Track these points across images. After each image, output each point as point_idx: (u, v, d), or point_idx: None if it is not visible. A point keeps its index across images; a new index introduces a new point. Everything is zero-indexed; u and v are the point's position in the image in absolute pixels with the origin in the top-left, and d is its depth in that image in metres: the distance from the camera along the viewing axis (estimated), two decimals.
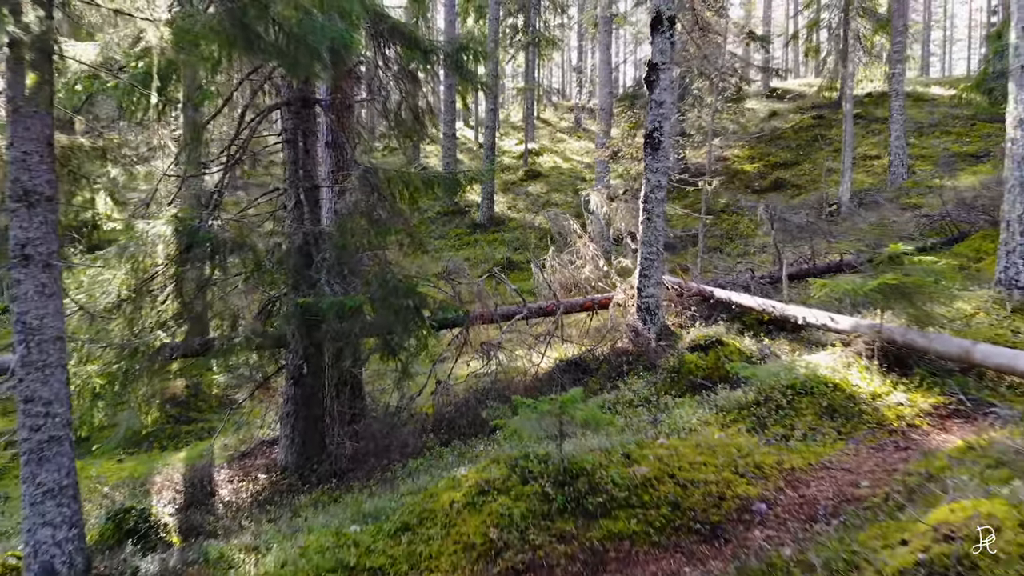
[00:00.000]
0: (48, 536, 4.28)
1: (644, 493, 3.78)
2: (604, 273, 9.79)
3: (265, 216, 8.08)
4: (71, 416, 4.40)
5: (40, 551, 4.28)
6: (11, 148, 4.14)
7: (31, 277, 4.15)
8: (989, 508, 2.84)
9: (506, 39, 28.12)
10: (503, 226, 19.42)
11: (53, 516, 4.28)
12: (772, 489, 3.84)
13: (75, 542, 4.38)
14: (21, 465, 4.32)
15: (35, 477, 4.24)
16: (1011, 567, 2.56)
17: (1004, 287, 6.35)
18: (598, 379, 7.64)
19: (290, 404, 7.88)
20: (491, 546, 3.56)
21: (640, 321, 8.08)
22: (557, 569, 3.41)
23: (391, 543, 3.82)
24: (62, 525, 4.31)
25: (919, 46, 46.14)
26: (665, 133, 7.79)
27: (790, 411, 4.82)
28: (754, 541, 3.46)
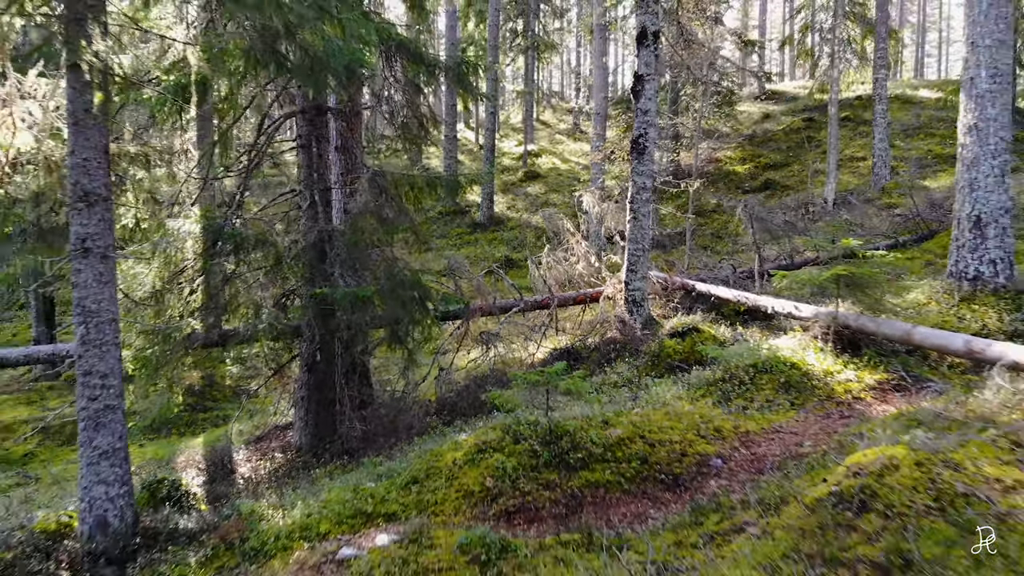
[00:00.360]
0: (102, 493, 4.93)
1: (618, 450, 4.43)
2: (596, 269, 10.44)
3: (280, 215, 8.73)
4: (123, 388, 5.05)
5: (95, 506, 4.93)
6: (72, 155, 4.79)
7: (90, 267, 4.80)
8: (893, 452, 3.48)
9: (506, 43, 28.79)
10: (502, 226, 20.06)
11: (107, 475, 4.93)
12: (728, 448, 4.49)
13: (125, 498, 5.03)
14: (79, 431, 4.97)
15: (91, 441, 4.89)
16: (903, 494, 3.19)
17: (955, 279, 7.00)
18: (588, 366, 8.28)
19: (304, 389, 8.52)
20: (487, 493, 4.21)
21: (627, 312, 8.72)
22: (543, 511, 4.06)
23: (402, 493, 4.47)
24: (114, 483, 4.96)
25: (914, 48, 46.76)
26: (650, 139, 8.43)
27: (751, 386, 5.47)
28: (709, 488, 4.10)
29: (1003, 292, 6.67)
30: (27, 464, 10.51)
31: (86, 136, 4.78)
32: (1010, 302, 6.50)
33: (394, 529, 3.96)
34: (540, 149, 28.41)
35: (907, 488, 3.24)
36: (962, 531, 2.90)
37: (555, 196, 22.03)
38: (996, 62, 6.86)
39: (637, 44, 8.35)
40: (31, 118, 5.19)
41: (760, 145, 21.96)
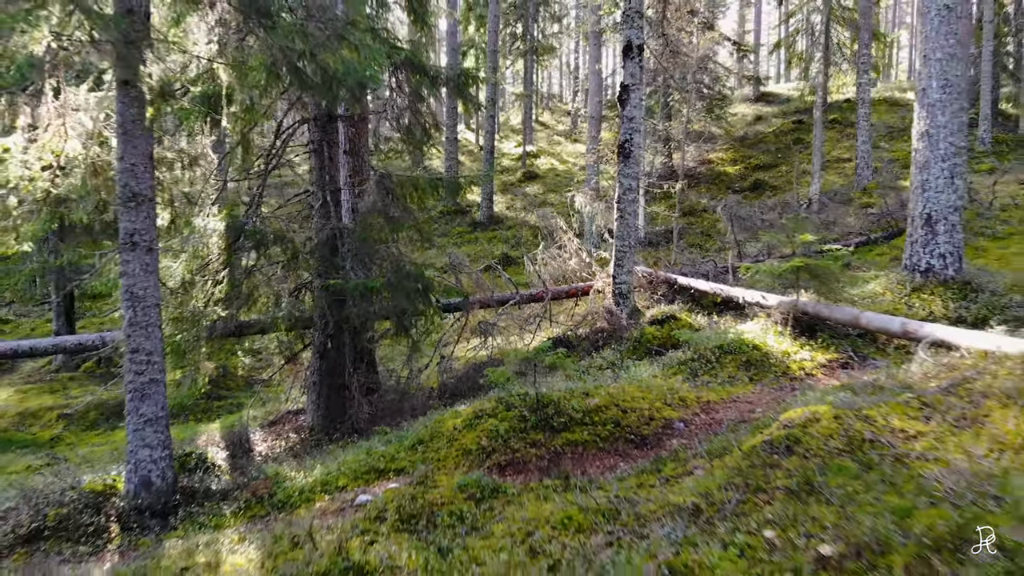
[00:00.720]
0: (147, 456, 5.65)
1: (595, 415, 5.14)
2: (587, 264, 11.15)
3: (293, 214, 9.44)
4: (164, 365, 5.77)
5: (140, 467, 5.65)
6: (121, 161, 5.51)
7: (137, 258, 5.51)
8: (817, 409, 4.18)
9: (505, 47, 29.50)
10: (501, 225, 20.76)
11: (151, 440, 5.64)
12: (690, 414, 5.20)
13: (166, 461, 5.75)
14: (127, 402, 5.68)
15: (138, 410, 5.61)
16: (820, 440, 3.89)
17: (909, 271, 7.71)
18: (579, 352, 8.98)
19: (316, 375, 9.22)
20: (483, 451, 4.92)
21: (615, 304, 9.43)
22: (529, 464, 4.77)
23: (410, 453, 5.18)
24: (157, 447, 5.67)
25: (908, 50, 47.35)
26: (635, 144, 9.14)
27: (716, 365, 6.18)
28: (671, 446, 4.81)
29: (951, 283, 7.37)
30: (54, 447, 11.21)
31: (134, 144, 5.49)
32: (956, 292, 7.21)
33: (403, 479, 4.68)
34: (539, 150, 29.11)
35: (824, 436, 3.95)
36: (863, 467, 3.61)
37: (553, 196, 22.73)
38: (946, 74, 7.56)
39: (623, 56, 9.06)
40: (81, 127, 5.90)
41: (751, 147, 22.65)
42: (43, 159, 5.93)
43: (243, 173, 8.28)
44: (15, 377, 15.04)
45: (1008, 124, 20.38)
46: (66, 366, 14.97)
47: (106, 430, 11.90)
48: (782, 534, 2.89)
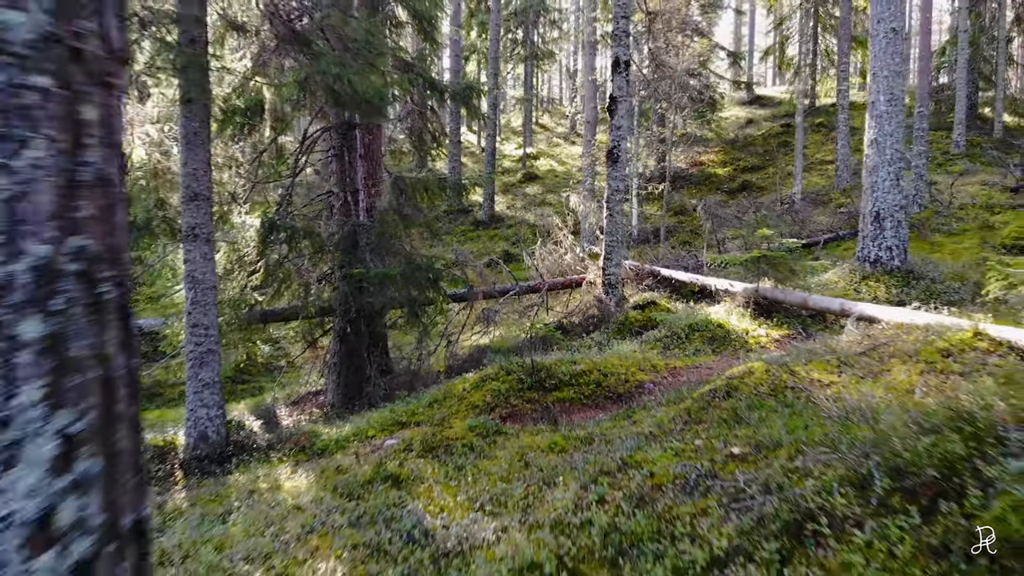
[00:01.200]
0: (204, 414, 6.72)
1: (580, 379, 6.21)
2: (580, 259, 12.22)
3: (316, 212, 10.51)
4: (219, 337, 6.84)
5: (198, 424, 6.73)
6: (185, 166, 6.58)
7: (198, 248, 6.59)
8: (754, 365, 5.25)
9: (506, 52, 30.57)
10: (502, 223, 21.83)
11: (208, 400, 6.72)
12: (659, 377, 6.27)
13: (220, 419, 6.83)
14: (187, 369, 6.76)
15: (197, 375, 6.69)
16: (752, 387, 4.95)
17: (860, 262, 8.78)
18: (572, 335, 10.06)
19: (335, 357, 10.28)
20: (487, 405, 6.00)
21: (605, 293, 10.49)
22: (525, 415, 5.85)
23: (427, 409, 6.26)
24: (213, 407, 6.75)
25: None
26: (622, 150, 10.21)
27: (686, 340, 7.25)
28: (642, 400, 5.88)
29: (896, 272, 8.44)
30: None
31: (195, 152, 6.57)
32: (900, 279, 8.27)
33: (424, 426, 5.75)
34: (538, 152, 30.17)
35: (755, 384, 5.03)
36: (781, 404, 4.68)
37: (551, 196, 23.79)
38: (892, 89, 8.64)
39: (612, 70, 10.13)
40: (147, 137, 6.97)
41: (741, 149, 23.72)
42: None
43: (275, 175, 9.36)
44: None
45: (985, 127, 21.42)
46: None
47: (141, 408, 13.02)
48: (708, 443, 3.96)
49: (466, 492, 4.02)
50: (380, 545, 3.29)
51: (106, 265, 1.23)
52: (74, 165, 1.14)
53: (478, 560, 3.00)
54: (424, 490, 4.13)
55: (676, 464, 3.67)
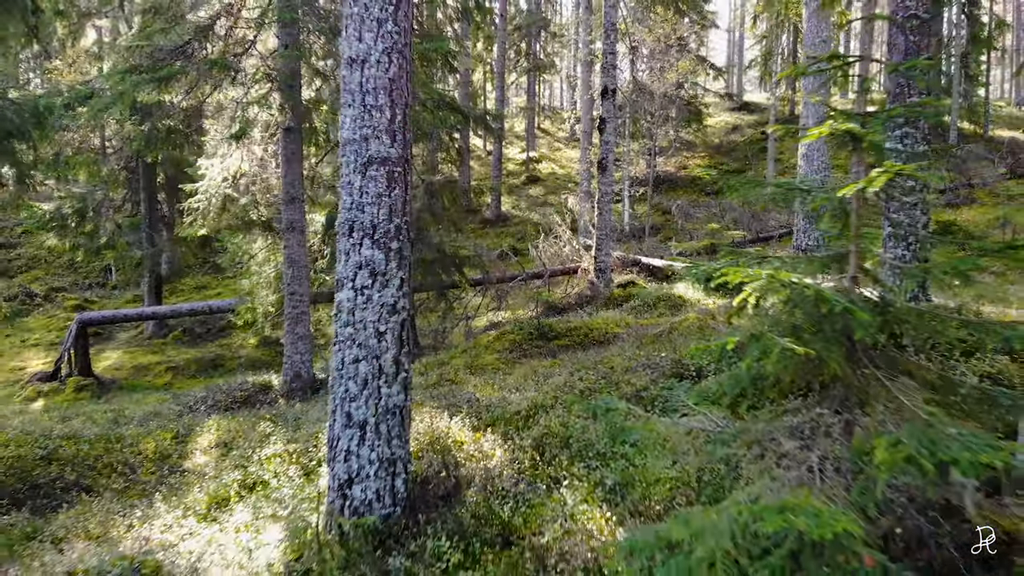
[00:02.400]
0: (298, 359, 9.14)
1: (573, 332, 8.64)
2: (577, 251, 14.62)
3: None
4: (309, 302, 9.25)
5: (293, 366, 9.15)
6: (284, 177, 8.98)
7: (295, 237, 9.00)
8: (688, 316, 7.63)
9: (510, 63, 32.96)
10: (508, 222, 24.23)
11: (300, 348, 9.14)
12: (630, 331, 8.69)
13: (309, 364, 9.24)
14: (285, 326, 9.17)
15: (293, 330, 9.10)
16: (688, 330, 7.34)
17: (794, 250, 11.20)
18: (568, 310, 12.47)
19: None
20: (506, 349, 8.42)
21: (596, 278, 12.90)
22: (533, 356, 8.27)
23: (461, 355, 8.68)
24: (304, 352, 9.17)
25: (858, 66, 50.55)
26: (610, 160, 12.61)
27: (653, 307, 9.67)
28: (616, 345, 8.30)
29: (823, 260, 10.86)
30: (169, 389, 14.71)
31: (292, 167, 8.98)
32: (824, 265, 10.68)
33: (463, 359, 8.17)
34: (540, 156, 32.57)
35: (688, 326, 7.44)
36: (704, 338, 7.10)
37: (552, 197, 26.19)
38: (818, 112, 11.03)
39: (601, 96, 12.54)
40: (253, 155, 9.38)
41: (725, 154, 26.11)
42: (224, 174, 9.39)
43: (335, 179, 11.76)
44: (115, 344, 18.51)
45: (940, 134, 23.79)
46: (156, 335, 18.39)
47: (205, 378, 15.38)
48: (648, 352, 6.37)
49: (497, 387, 6.43)
50: (452, 403, 5.70)
51: (398, 230, 3.64)
52: (397, 196, 3.57)
53: (510, 404, 5.41)
54: (470, 387, 6.54)
55: (626, 362, 6.09)
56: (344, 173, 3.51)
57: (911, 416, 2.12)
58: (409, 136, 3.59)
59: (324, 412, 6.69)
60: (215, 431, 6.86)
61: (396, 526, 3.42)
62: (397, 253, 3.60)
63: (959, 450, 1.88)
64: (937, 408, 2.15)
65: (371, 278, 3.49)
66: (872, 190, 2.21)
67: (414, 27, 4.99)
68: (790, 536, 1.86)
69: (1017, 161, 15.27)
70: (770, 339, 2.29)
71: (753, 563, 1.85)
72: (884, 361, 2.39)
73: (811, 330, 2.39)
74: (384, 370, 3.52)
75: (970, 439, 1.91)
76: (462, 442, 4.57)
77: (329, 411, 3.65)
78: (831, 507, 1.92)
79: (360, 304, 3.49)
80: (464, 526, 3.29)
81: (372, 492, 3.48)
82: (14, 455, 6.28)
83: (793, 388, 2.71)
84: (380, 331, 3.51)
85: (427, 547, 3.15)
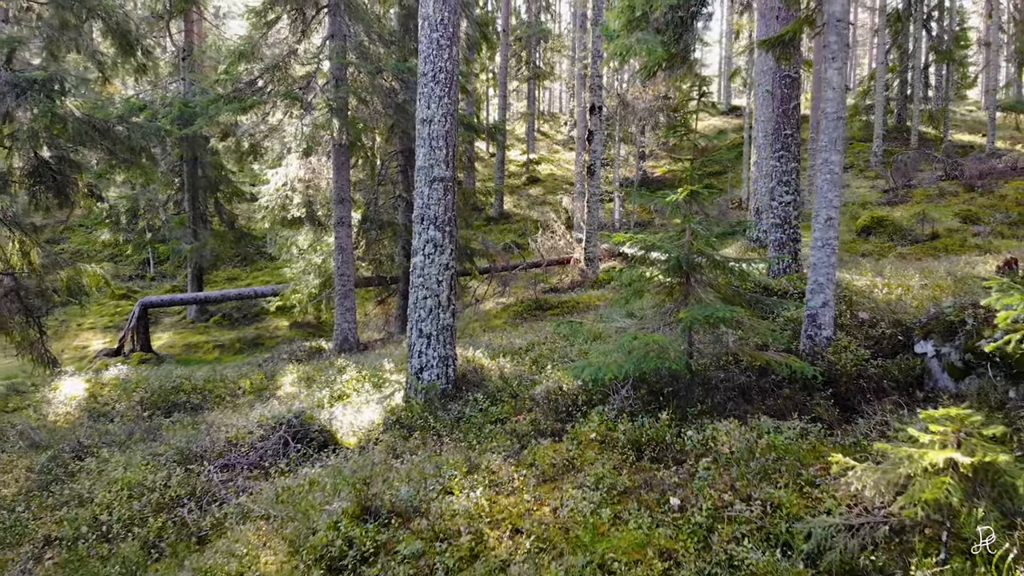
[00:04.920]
0: (346, 327, 11.53)
1: (564, 304, 11.04)
2: (570, 244, 17.00)
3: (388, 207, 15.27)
4: (353, 282, 11.63)
5: (341, 331, 11.54)
6: (335, 182, 11.35)
7: (343, 230, 11.36)
8: None
9: (512, 71, 35.31)
10: (510, 219, 26.58)
11: (348, 318, 11.52)
12: (606, 302, 11.07)
13: (355, 330, 11.62)
14: (336, 302, 11.53)
15: (342, 303, 11.49)
16: None
17: (749, 241, 13.58)
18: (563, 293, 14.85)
19: (399, 310, 15.03)
20: (511, 318, 10.81)
21: (586, 266, 15.27)
22: (532, 320, 10.66)
23: (475, 323, 11.06)
24: (351, 322, 11.55)
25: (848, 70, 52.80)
26: (598, 167, 14.97)
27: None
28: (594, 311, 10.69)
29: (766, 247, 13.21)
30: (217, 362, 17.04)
31: (341, 173, 11.34)
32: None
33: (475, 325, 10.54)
34: (540, 158, 34.92)
35: None
36: None
37: (551, 196, 28.56)
38: (765, 128, 13.39)
39: (590, 112, 14.88)
40: (310, 165, 11.73)
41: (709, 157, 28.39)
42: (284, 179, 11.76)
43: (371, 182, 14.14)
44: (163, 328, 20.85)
45: (905, 139, 26.13)
46: (197, 319, 20.75)
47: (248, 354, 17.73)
48: None
49: (505, 337, 8.80)
50: (473, 345, 8.05)
51: (449, 220, 6.01)
52: (449, 200, 5.96)
53: (515, 344, 7.78)
54: (485, 338, 8.92)
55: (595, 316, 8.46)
56: (418, 186, 5.88)
57: (706, 303, 4.51)
58: (455, 164, 5.95)
59: (378, 358, 9.08)
60: (295, 373, 9.24)
61: (449, 394, 5.80)
62: (448, 234, 5.96)
63: (720, 312, 4.26)
64: (720, 301, 4.54)
65: (433, 248, 5.86)
66: (681, 199, 4.57)
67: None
68: (649, 344, 4.24)
69: (952, 164, 17.53)
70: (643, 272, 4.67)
71: (630, 356, 4.23)
72: (698, 282, 4.77)
73: (664, 267, 4.77)
74: (440, 303, 5.89)
75: (725, 310, 4.30)
76: (483, 363, 6.94)
77: (408, 329, 6.04)
78: (667, 336, 4.32)
79: (427, 263, 5.86)
80: (490, 391, 5.67)
81: (435, 375, 5.85)
82: (156, 387, 8.68)
83: (659, 295, 5.09)
84: (439, 280, 5.87)
85: (469, 399, 5.53)
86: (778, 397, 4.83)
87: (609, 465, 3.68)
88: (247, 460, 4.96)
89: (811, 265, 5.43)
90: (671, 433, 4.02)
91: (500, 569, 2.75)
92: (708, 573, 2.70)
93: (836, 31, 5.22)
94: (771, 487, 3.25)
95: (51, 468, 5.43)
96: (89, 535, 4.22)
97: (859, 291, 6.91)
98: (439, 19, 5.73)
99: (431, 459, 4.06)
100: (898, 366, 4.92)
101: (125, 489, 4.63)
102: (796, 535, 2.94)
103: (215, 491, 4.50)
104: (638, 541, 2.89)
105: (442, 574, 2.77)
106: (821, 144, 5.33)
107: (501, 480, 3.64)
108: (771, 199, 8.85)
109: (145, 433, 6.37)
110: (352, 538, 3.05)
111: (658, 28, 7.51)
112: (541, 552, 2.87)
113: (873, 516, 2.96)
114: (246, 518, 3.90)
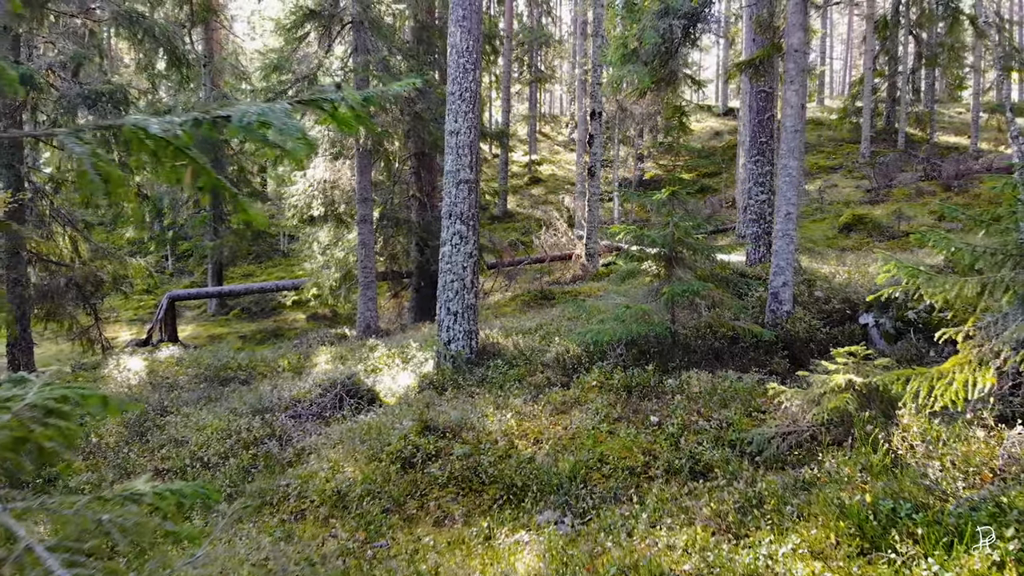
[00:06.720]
0: (369, 314, 12.64)
1: (567, 294, 12.15)
2: (572, 240, 18.11)
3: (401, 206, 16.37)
4: (375, 276, 12.73)
5: (364, 319, 12.66)
6: (359, 183, 12.46)
7: (366, 227, 12.47)
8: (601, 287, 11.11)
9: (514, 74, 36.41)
10: (513, 218, 27.68)
11: (370, 307, 12.63)
12: (605, 292, 12.20)
13: (376, 318, 12.73)
14: (360, 290, 12.64)
15: (365, 294, 12.59)
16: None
17: (737, 236, 14.69)
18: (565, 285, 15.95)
19: (412, 302, 16.16)
20: (519, 307, 11.93)
21: (586, 260, 16.38)
22: (538, 308, 11.78)
23: (486, 312, 12.18)
24: (373, 310, 12.66)
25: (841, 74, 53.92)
26: (597, 168, 16.07)
27: None
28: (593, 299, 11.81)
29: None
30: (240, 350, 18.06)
31: (364, 175, 12.45)
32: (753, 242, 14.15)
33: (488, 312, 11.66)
34: (541, 158, 36.03)
35: None
36: None
37: (552, 196, 29.66)
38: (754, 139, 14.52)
39: (590, 117, 15.98)
40: (334, 167, 12.84)
41: (705, 158, 29.50)
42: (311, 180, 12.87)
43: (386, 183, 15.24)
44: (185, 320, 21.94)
45: (893, 141, 27.24)
46: (218, 313, 21.84)
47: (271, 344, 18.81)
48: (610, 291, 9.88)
49: (515, 320, 9.91)
50: (488, 326, 9.16)
51: (472, 215, 7.12)
52: (473, 199, 7.08)
53: (524, 325, 8.89)
54: (498, 321, 10.03)
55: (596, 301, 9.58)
56: (446, 187, 7.00)
57: (685, 281, 5.63)
58: (478, 168, 7.05)
59: (402, 340, 10.19)
60: (328, 353, 10.35)
61: (473, 362, 6.92)
62: (472, 227, 7.07)
63: (694, 286, 5.38)
64: (697, 279, 5.66)
65: (460, 239, 6.97)
66: (663, 198, 5.69)
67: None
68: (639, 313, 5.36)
69: (932, 166, 18.61)
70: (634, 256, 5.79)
71: (624, 324, 5.35)
72: (679, 264, 5.89)
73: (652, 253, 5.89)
74: (465, 285, 7.01)
75: (698, 285, 5.42)
76: (499, 340, 8.05)
77: (438, 307, 7.16)
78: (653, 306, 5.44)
79: (454, 252, 6.98)
80: (507, 358, 6.79)
81: (461, 346, 6.97)
82: (207, 363, 9.80)
83: (648, 277, 6.21)
84: (464, 265, 6.99)
85: (491, 365, 6.65)
86: (744, 359, 5.96)
87: (606, 401, 4.79)
88: (310, 411, 6.08)
89: (773, 252, 6.55)
90: (655, 379, 5.13)
91: (528, 461, 3.86)
92: (677, 461, 3.81)
93: (794, 60, 6.33)
94: (727, 412, 4.36)
95: (143, 422, 6.54)
96: (193, 465, 5.33)
97: (822, 276, 8.03)
98: (465, 47, 6.84)
99: (467, 402, 5.17)
100: (843, 333, 6.04)
101: (215, 433, 5.74)
102: (743, 442, 4.06)
103: (290, 433, 5.61)
104: (626, 445, 4.01)
105: (486, 465, 3.87)
106: (781, 152, 6.44)
107: (524, 413, 4.75)
108: (748, 198, 9.96)
109: (212, 397, 7.49)
110: (418, 445, 4.16)
111: (645, 61, 8.64)
112: (557, 452, 3.98)
113: (799, 426, 4.08)
114: (323, 447, 5.01)
